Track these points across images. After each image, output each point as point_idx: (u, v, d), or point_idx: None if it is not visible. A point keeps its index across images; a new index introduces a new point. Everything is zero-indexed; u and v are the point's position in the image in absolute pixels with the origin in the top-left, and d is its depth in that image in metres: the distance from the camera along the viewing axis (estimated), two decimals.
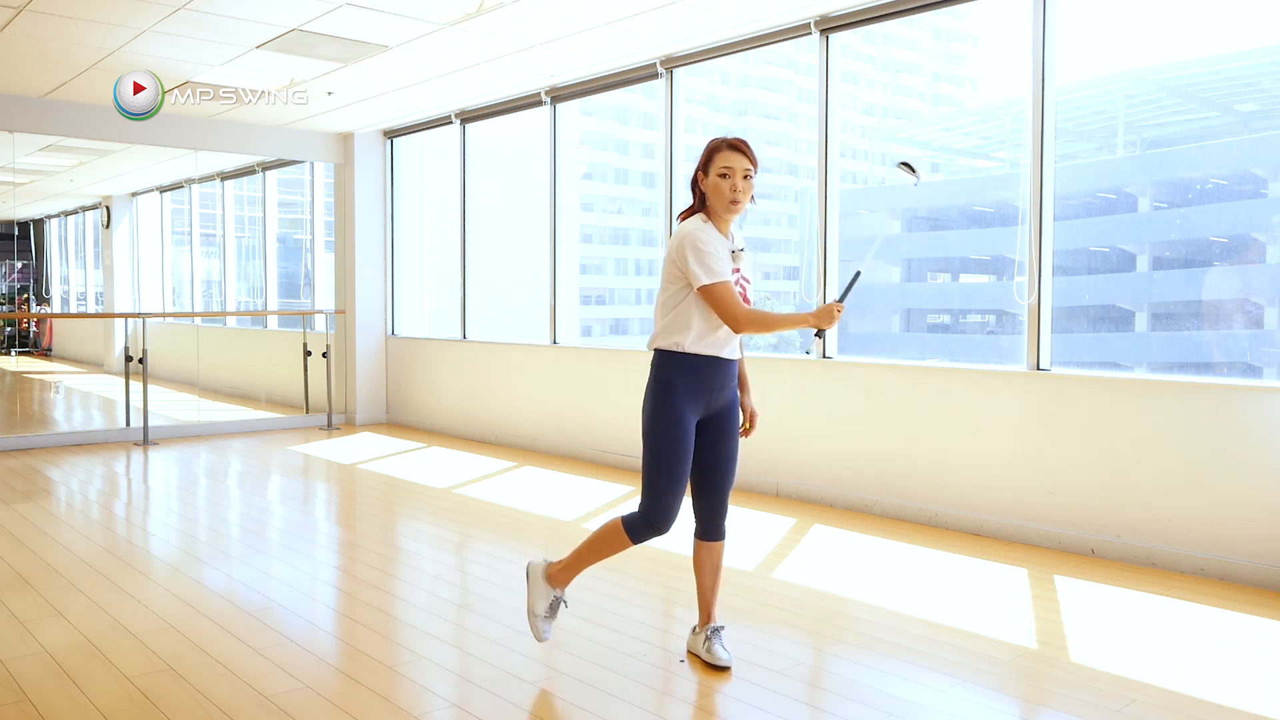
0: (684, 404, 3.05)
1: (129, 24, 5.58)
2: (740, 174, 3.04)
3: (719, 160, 3.04)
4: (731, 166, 3.03)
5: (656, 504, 3.06)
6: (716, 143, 3.09)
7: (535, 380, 7.81)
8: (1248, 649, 3.41)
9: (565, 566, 3.23)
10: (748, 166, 3.05)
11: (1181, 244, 6.08)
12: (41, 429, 9.04)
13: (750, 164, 3.06)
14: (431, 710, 2.91)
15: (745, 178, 3.05)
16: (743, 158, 3.05)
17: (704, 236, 3.01)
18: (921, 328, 7.85)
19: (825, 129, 5.76)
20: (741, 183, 3.04)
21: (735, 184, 3.03)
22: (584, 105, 8.28)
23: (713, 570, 3.26)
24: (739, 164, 3.04)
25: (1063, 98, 5.03)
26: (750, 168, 3.06)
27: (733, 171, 3.03)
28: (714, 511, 3.21)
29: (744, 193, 3.05)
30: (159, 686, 3.03)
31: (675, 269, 3.04)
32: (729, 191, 3.02)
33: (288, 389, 9.73)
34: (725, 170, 3.03)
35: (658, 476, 3.05)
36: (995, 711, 2.94)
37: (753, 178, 3.07)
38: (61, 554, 4.64)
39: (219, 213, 10.99)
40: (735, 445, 3.20)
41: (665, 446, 3.04)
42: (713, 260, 2.98)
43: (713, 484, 3.19)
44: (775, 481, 5.96)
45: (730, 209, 3.04)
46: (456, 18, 5.53)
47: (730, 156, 3.04)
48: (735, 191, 3.02)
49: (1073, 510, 4.65)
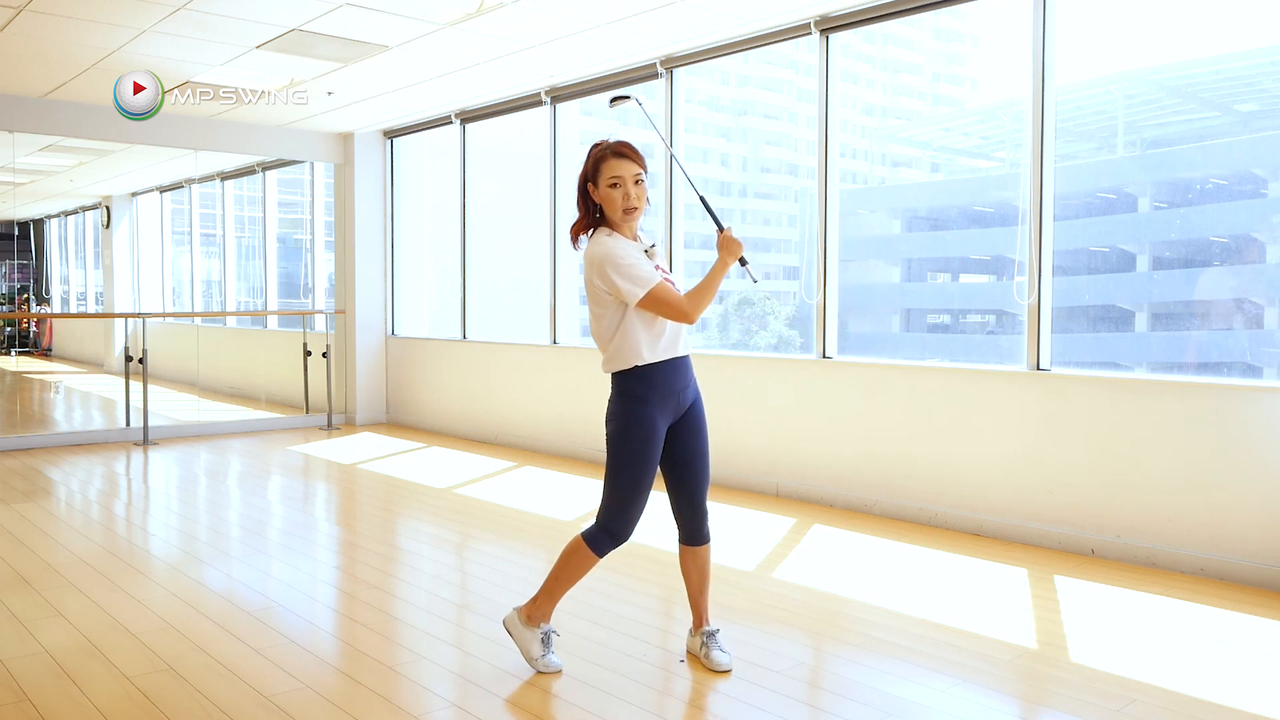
0: (655, 415, 3.02)
1: (129, 24, 5.58)
2: (631, 180, 2.97)
3: (606, 170, 2.97)
4: (620, 175, 2.96)
5: (620, 516, 3.02)
6: (600, 150, 3.00)
7: (535, 380, 7.81)
8: (1248, 649, 3.41)
9: (538, 602, 3.16)
10: (637, 171, 2.98)
11: (1181, 244, 6.08)
12: (41, 429, 9.04)
13: (640, 168, 2.99)
14: (431, 710, 2.91)
15: (637, 183, 2.98)
16: (630, 164, 2.97)
17: (618, 250, 2.96)
18: (921, 328, 7.85)
19: (825, 129, 5.76)
20: (634, 189, 2.98)
21: (628, 191, 2.96)
22: (584, 105, 8.27)
23: (699, 574, 3.22)
24: (628, 170, 2.96)
25: (1063, 98, 5.03)
26: (640, 171, 2.99)
27: (623, 180, 2.96)
28: (694, 514, 3.16)
29: (639, 198, 2.99)
30: (159, 686, 3.03)
31: (601, 292, 3.00)
32: (622, 200, 2.97)
33: (288, 389, 9.73)
34: (615, 180, 2.96)
35: (626, 490, 3.01)
36: (995, 711, 2.94)
37: (644, 181, 3.00)
38: (61, 554, 4.64)
39: (219, 213, 10.99)
40: (705, 442, 3.15)
41: (637, 460, 3.00)
42: (636, 270, 2.95)
43: (689, 485, 3.13)
44: (775, 481, 5.96)
45: (626, 217, 2.99)
46: (456, 18, 5.53)
47: (617, 165, 2.97)
48: (629, 199, 2.97)
49: (1073, 510, 4.65)
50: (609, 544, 3.06)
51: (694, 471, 3.13)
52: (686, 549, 3.22)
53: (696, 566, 3.23)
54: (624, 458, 3.01)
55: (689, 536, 3.20)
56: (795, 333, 7.67)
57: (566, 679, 3.11)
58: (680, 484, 3.14)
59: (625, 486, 3.02)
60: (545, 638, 3.17)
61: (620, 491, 3.02)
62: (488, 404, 8.29)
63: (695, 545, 3.21)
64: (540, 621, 3.17)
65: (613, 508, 3.04)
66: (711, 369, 6.15)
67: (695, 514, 3.16)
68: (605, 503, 3.06)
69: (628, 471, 3.01)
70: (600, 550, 3.07)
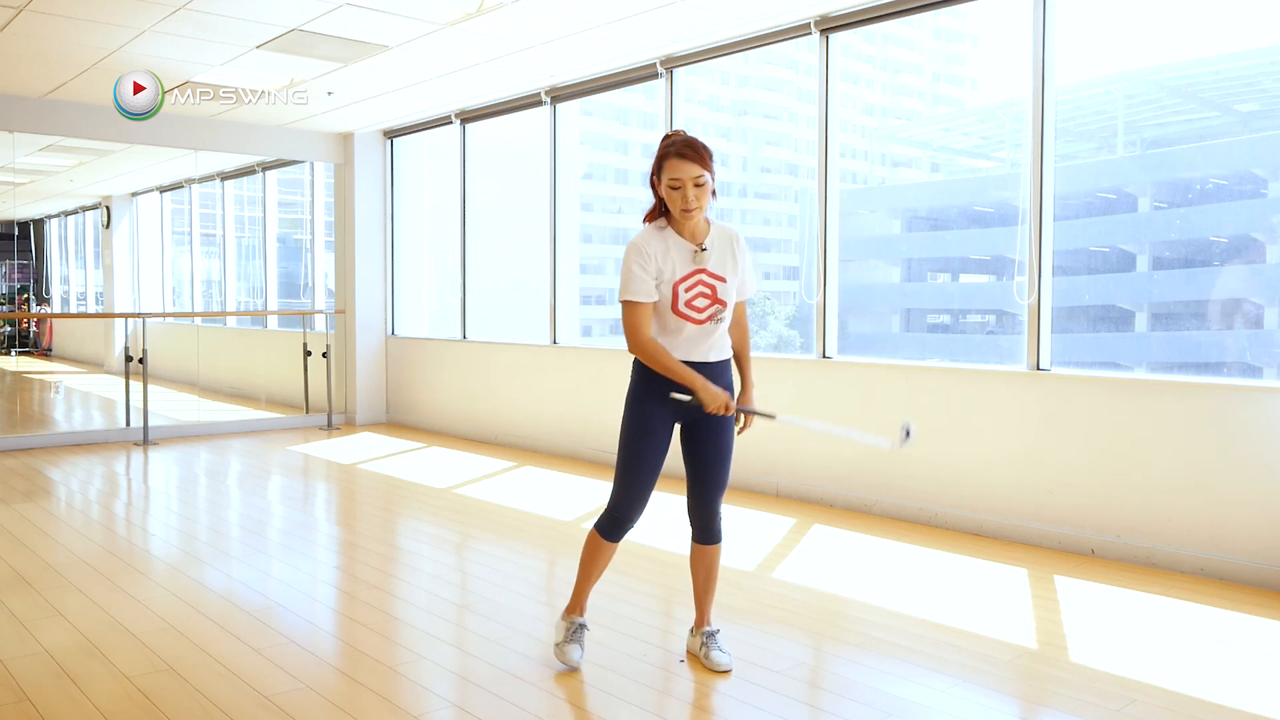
0: (654, 406, 3.06)
1: (129, 24, 5.58)
2: (691, 183, 2.95)
3: (668, 171, 2.97)
4: (680, 178, 2.95)
5: (622, 501, 3.10)
6: (665, 149, 3.00)
7: (535, 380, 7.81)
8: (1248, 649, 3.41)
9: (572, 593, 3.27)
10: (698, 174, 2.95)
11: (1181, 244, 6.08)
12: (41, 429, 9.04)
13: (701, 168, 2.96)
14: (431, 710, 2.91)
15: (697, 185, 2.96)
16: (692, 165, 2.95)
17: (645, 249, 2.99)
18: (921, 328, 7.85)
19: (825, 129, 5.76)
20: (693, 190, 2.95)
21: (686, 194, 2.96)
22: (584, 105, 8.27)
23: (705, 573, 3.25)
24: (688, 173, 2.94)
25: (1063, 98, 5.03)
26: (702, 173, 2.96)
27: (682, 183, 2.95)
28: (705, 514, 3.19)
29: (698, 199, 2.97)
30: (159, 686, 3.03)
31: None
32: (680, 201, 2.96)
33: (288, 389, 9.73)
34: (675, 182, 2.96)
35: (626, 475, 3.09)
36: (995, 711, 2.94)
37: (707, 182, 2.98)
38: (61, 554, 4.64)
39: (219, 213, 10.99)
40: (723, 450, 3.16)
41: (634, 448, 3.07)
42: (633, 278, 2.97)
43: (701, 487, 3.18)
44: (775, 481, 5.96)
45: (684, 217, 2.99)
46: (456, 18, 5.53)
47: (678, 167, 2.95)
48: (686, 201, 2.96)
49: (1073, 510, 4.65)
50: (610, 527, 3.13)
51: (709, 475, 3.17)
52: (696, 546, 3.26)
53: (703, 565, 3.26)
54: (622, 440, 3.11)
55: (698, 534, 3.24)
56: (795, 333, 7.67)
57: (567, 679, 3.11)
58: (696, 483, 3.19)
59: (621, 469, 3.10)
60: (571, 628, 3.23)
61: (618, 474, 3.11)
62: (488, 404, 8.29)
63: (704, 544, 3.25)
64: (573, 612, 3.25)
65: (614, 490, 3.13)
66: None
67: (705, 513, 3.20)
68: (612, 487, 3.15)
69: (623, 454, 3.10)
70: (605, 533, 3.14)
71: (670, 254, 3.02)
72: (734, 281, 3.09)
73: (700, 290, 3.03)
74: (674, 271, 3.02)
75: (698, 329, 3.05)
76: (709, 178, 2.98)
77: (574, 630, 3.22)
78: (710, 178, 2.99)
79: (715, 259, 3.06)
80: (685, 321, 3.03)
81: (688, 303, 3.03)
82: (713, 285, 3.05)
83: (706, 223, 3.09)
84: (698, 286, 3.03)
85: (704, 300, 3.04)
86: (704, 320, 3.05)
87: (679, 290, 3.02)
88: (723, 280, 3.06)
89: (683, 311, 3.03)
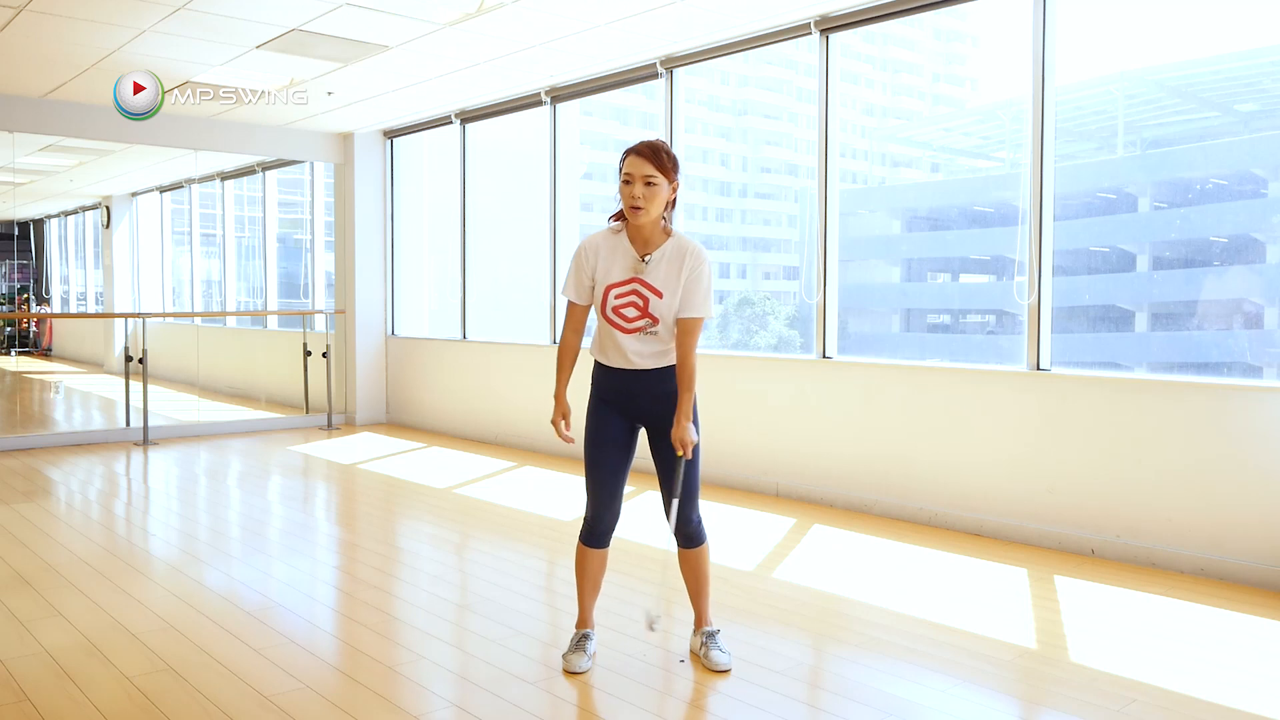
0: (601, 407, 3.13)
1: (129, 24, 5.58)
2: (641, 180, 2.91)
3: (624, 166, 2.96)
4: (631, 172, 2.93)
5: (588, 503, 3.17)
6: (628, 148, 3.00)
7: (535, 380, 7.80)
8: (1248, 649, 3.41)
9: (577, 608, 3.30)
10: (650, 173, 2.91)
11: (1181, 244, 6.08)
12: (41, 429, 9.04)
13: (654, 169, 2.91)
14: (431, 710, 2.91)
15: (648, 184, 2.91)
16: (645, 163, 2.92)
17: (585, 249, 3.04)
18: (921, 328, 7.85)
19: (825, 129, 5.76)
20: (642, 188, 2.91)
21: (634, 190, 2.92)
22: (584, 105, 8.26)
23: (691, 576, 3.25)
24: (638, 169, 2.91)
25: (1063, 98, 5.03)
26: (654, 173, 2.91)
27: (632, 178, 2.93)
28: (675, 519, 3.15)
29: (646, 198, 2.92)
30: (159, 686, 3.03)
31: None
32: (628, 197, 2.94)
33: (288, 389, 9.73)
34: (627, 177, 2.94)
35: (588, 481, 3.17)
36: (995, 711, 2.94)
37: (660, 185, 2.92)
38: (61, 554, 4.64)
39: (219, 213, 10.99)
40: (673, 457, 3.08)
41: (591, 455, 3.14)
42: (569, 275, 3.08)
43: (663, 490, 3.17)
44: (775, 481, 5.96)
45: (631, 215, 2.96)
46: (456, 18, 5.53)
47: (632, 162, 2.94)
48: (634, 198, 2.92)
49: (1073, 510, 4.65)
50: (586, 534, 3.19)
51: (664, 481, 3.15)
52: (680, 550, 3.27)
53: (688, 568, 3.26)
54: (584, 447, 3.17)
55: (675, 538, 3.23)
56: (795, 333, 7.68)
57: (567, 679, 3.11)
58: (661, 488, 3.19)
59: (586, 476, 3.18)
60: (574, 639, 3.25)
61: (585, 481, 3.19)
62: (488, 404, 8.29)
63: (682, 548, 3.24)
64: (580, 623, 3.28)
65: (586, 495, 3.20)
66: (711, 369, 6.15)
67: (676, 517, 3.15)
68: None
69: (585, 461, 3.16)
70: (584, 540, 3.20)
71: (613, 257, 3.02)
72: (671, 299, 2.99)
73: (632, 300, 3.00)
74: (609, 275, 3.01)
75: (627, 337, 3.03)
76: (663, 182, 2.93)
77: (576, 640, 3.24)
78: (666, 185, 2.94)
79: (659, 272, 3.00)
80: (613, 328, 3.04)
81: (615, 309, 3.01)
82: (646, 298, 2.99)
83: (666, 234, 3.03)
84: (630, 296, 3.00)
85: (633, 311, 3.00)
86: (631, 330, 3.02)
87: (609, 295, 3.02)
88: (659, 295, 2.99)
89: (610, 317, 3.04)
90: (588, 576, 3.23)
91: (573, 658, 3.18)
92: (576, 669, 3.16)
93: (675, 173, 2.99)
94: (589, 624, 3.27)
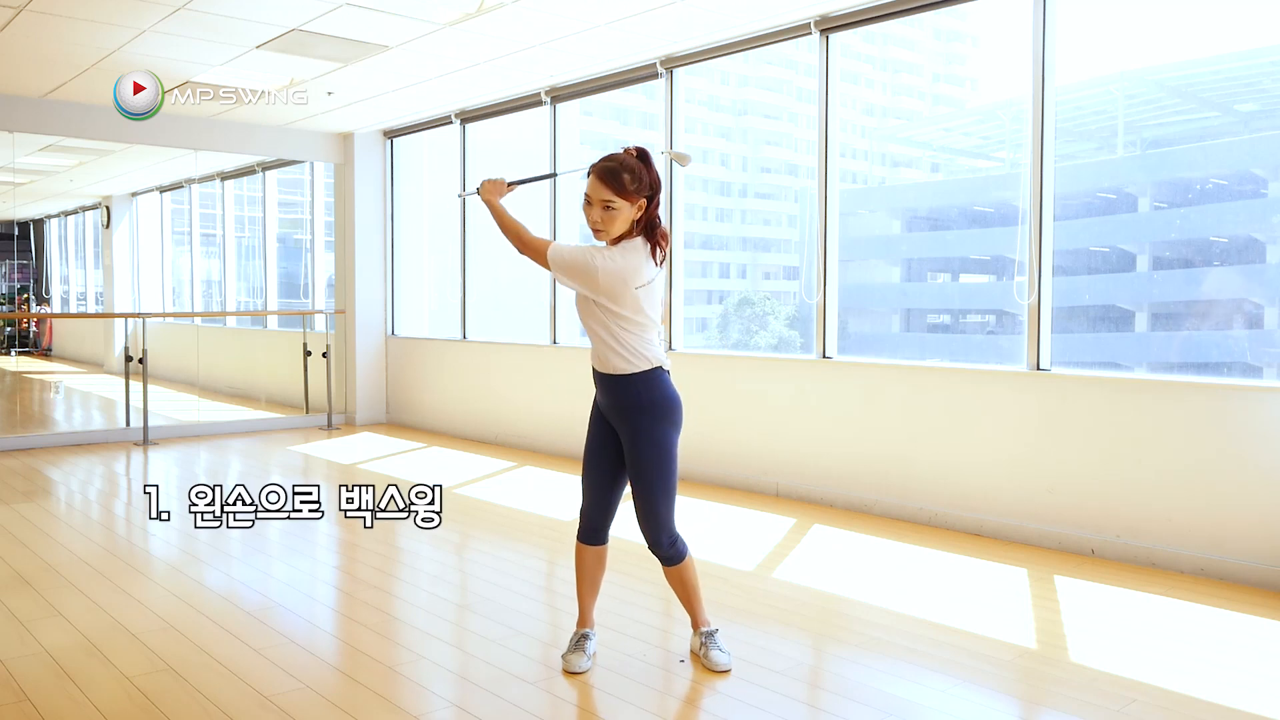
0: (593, 408, 3.19)
1: (129, 24, 5.58)
2: (599, 205, 2.88)
3: (586, 187, 2.92)
4: (589, 194, 2.91)
5: (581, 503, 3.24)
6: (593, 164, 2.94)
7: (535, 380, 7.81)
8: (1248, 649, 3.41)
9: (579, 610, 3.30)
10: (607, 198, 2.85)
11: (1181, 244, 6.08)
12: (41, 429, 9.04)
13: (611, 194, 2.84)
14: (431, 710, 2.91)
15: (606, 209, 2.86)
16: (603, 188, 2.86)
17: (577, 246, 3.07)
18: (921, 328, 7.85)
19: (825, 129, 5.76)
20: (601, 214, 2.88)
21: (592, 214, 2.90)
22: (584, 105, 8.26)
23: (679, 588, 3.22)
24: (597, 194, 2.88)
25: (1063, 98, 5.03)
26: (612, 199, 2.84)
27: (591, 199, 2.91)
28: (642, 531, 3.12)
29: (604, 222, 2.88)
30: (159, 686, 3.03)
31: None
32: (588, 220, 2.93)
33: (288, 389, 9.73)
34: (587, 199, 2.93)
35: (581, 480, 3.24)
36: (995, 711, 2.94)
37: (620, 208, 2.85)
38: (61, 554, 4.64)
39: (219, 213, 10.99)
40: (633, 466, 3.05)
41: (584, 455, 3.21)
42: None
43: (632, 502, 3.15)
44: (775, 481, 5.96)
45: (595, 237, 2.97)
46: (456, 18, 5.53)
47: (591, 184, 2.90)
48: (593, 222, 2.91)
49: (1073, 510, 4.65)
50: (581, 531, 3.24)
51: (631, 485, 3.11)
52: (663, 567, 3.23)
53: (674, 583, 3.23)
54: None
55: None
56: (795, 333, 7.68)
57: (567, 679, 3.11)
58: None
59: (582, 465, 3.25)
60: (574, 638, 3.25)
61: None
62: (488, 404, 8.29)
63: (664, 566, 3.20)
64: (580, 623, 3.28)
65: None
66: (711, 369, 6.15)
67: (642, 530, 3.12)
68: None
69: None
70: (579, 537, 3.24)
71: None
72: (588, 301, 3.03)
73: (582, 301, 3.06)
74: None
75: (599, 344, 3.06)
76: (624, 205, 2.86)
77: (576, 640, 3.24)
78: (629, 206, 2.87)
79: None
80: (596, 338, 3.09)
81: None
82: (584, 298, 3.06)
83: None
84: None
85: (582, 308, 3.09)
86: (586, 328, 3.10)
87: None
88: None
89: None
90: (586, 575, 3.23)
91: (572, 658, 3.18)
92: (576, 669, 3.16)
93: (641, 193, 2.89)
94: (589, 624, 3.27)
